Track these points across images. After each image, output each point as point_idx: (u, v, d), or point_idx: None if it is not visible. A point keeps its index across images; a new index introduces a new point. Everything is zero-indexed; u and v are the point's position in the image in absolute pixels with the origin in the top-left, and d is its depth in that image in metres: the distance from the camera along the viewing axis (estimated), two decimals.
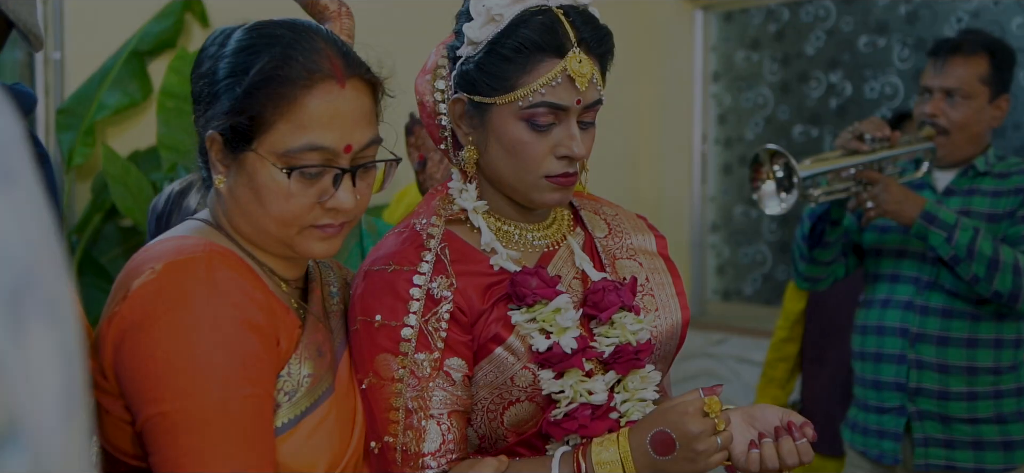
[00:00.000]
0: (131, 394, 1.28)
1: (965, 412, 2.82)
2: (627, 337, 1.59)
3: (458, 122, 1.60)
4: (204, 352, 1.26)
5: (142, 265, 1.34)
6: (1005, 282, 2.67)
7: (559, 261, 1.65)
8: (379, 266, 1.55)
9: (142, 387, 1.26)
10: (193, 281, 1.29)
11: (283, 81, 1.35)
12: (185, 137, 3.47)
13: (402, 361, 1.50)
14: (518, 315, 1.55)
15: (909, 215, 2.72)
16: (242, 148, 1.38)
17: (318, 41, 1.40)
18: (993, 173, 2.88)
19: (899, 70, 4.46)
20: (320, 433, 1.39)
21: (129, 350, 1.27)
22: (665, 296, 1.71)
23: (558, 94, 1.52)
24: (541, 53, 1.51)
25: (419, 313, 1.51)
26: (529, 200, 1.60)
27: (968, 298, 2.79)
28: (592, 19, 1.56)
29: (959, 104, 2.85)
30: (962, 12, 4.24)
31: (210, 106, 1.41)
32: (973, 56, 2.86)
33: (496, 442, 1.58)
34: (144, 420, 1.27)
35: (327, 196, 1.39)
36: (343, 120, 1.38)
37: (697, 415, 1.46)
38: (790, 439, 1.48)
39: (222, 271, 1.32)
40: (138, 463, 1.32)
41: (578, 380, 1.54)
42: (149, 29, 3.60)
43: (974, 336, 2.81)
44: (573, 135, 1.54)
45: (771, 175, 2.71)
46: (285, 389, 1.36)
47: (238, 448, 1.26)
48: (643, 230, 1.79)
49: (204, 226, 1.46)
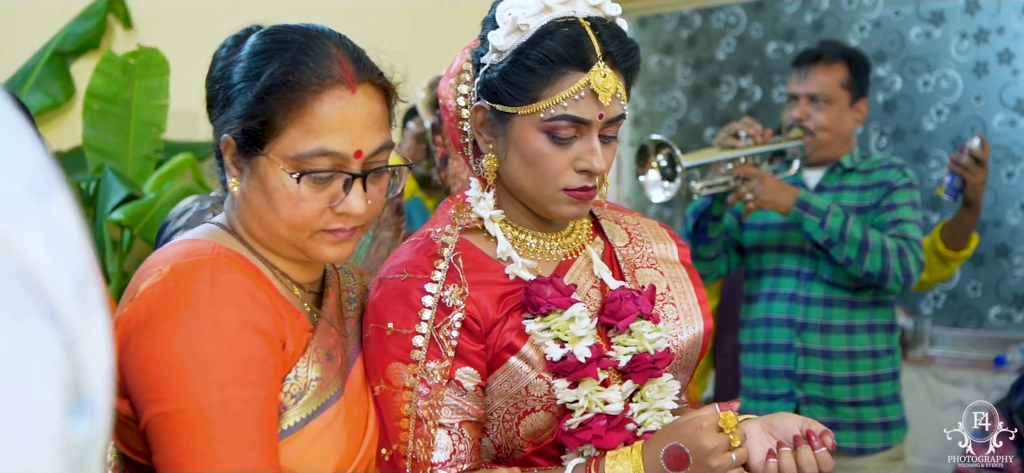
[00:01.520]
0: (136, 394, 1.28)
1: (847, 395, 3.03)
2: (645, 346, 1.56)
3: (479, 130, 1.58)
4: (206, 353, 1.26)
5: (151, 267, 1.35)
6: (875, 262, 2.87)
7: (576, 270, 1.62)
8: (393, 274, 1.54)
9: (145, 387, 1.27)
10: (198, 283, 1.30)
11: (294, 86, 1.35)
12: (111, 138, 3.45)
13: (413, 369, 1.48)
14: (532, 324, 1.52)
15: (785, 204, 2.92)
16: (254, 152, 1.38)
17: (330, 46, 1.40)
18: (858, 170, 3.11)
19: None
20: (327, 436, 1.39)
21: (133, 350, 1.27)
22: (687, 305, 1.68)
23: (580, 108, 1.48)
24: (565, 66, 1.47)
25: (430, 321, 1.49)
26: (547, 212, 1.57)
27: (846, 286, 3.01)
28: (619, 33, 1.52)
29: (823, 108, 3.08)
30: (865, 20, 4.44)
31: (224, 110, 1.41)
32: (833, 64, 3.11)
33: (512, 452, 1.56)
34: (147, 420, 1.27)
35: (338, 201, 1.38)
36: (353, 125, 1.37)
37: (712, 431, 1.43)
38: (809, 448, 1.45)
39: (226, 274, 1.32)
40: (149, 463, 1.32)
41: (593, 390, 1.51)
42: (71, 30, 3.55)
43: (851, 322, 3.02)
44: (594, 149, 1.50)
45: (656, 165, 2.86)
46: (292, 392, 1.36)
47: (240, 449, 1.25)
48: (665, 239, 1.76)
49: (217, 229, 1.46)
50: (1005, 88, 4.10)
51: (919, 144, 4.33)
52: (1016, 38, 4.08)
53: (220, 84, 1.43)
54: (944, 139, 4.26)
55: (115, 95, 3.33)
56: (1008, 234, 4.13)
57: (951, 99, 4.24)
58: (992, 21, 4.13)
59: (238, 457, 1.25)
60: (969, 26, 4.19)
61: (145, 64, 3.33)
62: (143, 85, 3.35)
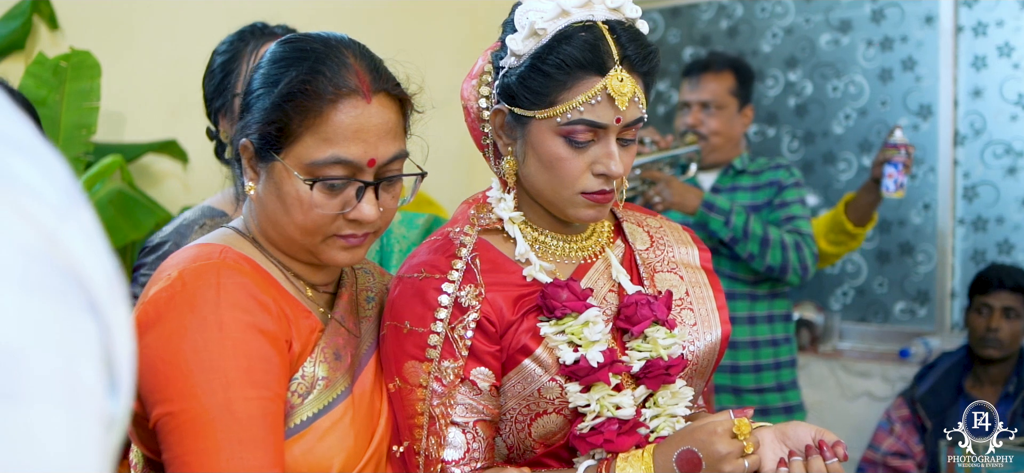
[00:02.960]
0: (144, 394, 1.31)
1: (752, 383, 3.26)
2: (659, 352, 1.54)
3: (499, 133, 1.57)
4: (210, 355, 1.29)
5: (162, 271, 1.38)
6: (776, 257, 3.09)
7: (594, 274, 1.61)
8: (411, 273, 1.54)
9: (153, 388, 1.30)
10: (204, 287, 1.33)
11: (310, 95, 1.38)
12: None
13: (428, 368, 1.48)
14: (547, 327, 1.51)
15: (692, 205, 3.14)
16: (271, 157, 1.41)
17: (348, 57, 1.42)
18: (748, 171, 3.35)
19: None
20: (334, 434, 1.41)
21: (142, 352, 1.29)
22: (705, 310, 1.66)
23: (597, 112, 1.47)
24: (582, 70, 1.46)
25: (446, 321, 1.49)
26: (565, 215, 1.56)
27: (746, 281, 3.22)
28: (638, 36, 1.51)
29: (715, 114, 3.33)
30: (777, 28, 4.61)
31: (244, 114, 1.45)
32: (722, 72, 3.37)
33: (524, 453, 1.55)
34: (155, 420, 1.30)
35: (350, 208, 1.40)
36: (368, 134, 1.39)
37: (726, 436, 1.42)
38: (820, 458, 1.43)
39: (231, 277, 1.35)
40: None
41: (606, 394, 1.50)
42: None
43: (753, 314, 3.25)
44: (611, 153, 1.49)
45: None
46: (298, 391, 1.39)
47: (243, 448, 1.27)
48: (687, 243, 1.74)
49: (231, 233, 1.49)
50: (908, 94, 4.29)
51: (828, 146, 4.51)
52: (919, 46, 4.27)
53: (244, 89, 1.47)
54: (852, 142, 4.45)
55: (45, 98, 3.32)
56: (912, 233, 4.33)
57: (858, 104, 4.43)
58: (896, 30, 4.33)
59: (241, 456, 1.27)
60: (875, 34, 4.38)
61: (77, 67, 3.32)
62: (74, 87, 3.33)
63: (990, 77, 4.13)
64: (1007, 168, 4.11)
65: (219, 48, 2.13)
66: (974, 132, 4.17)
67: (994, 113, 4.12)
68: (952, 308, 4.24)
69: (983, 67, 4.14)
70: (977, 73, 4.15)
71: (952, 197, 4.22)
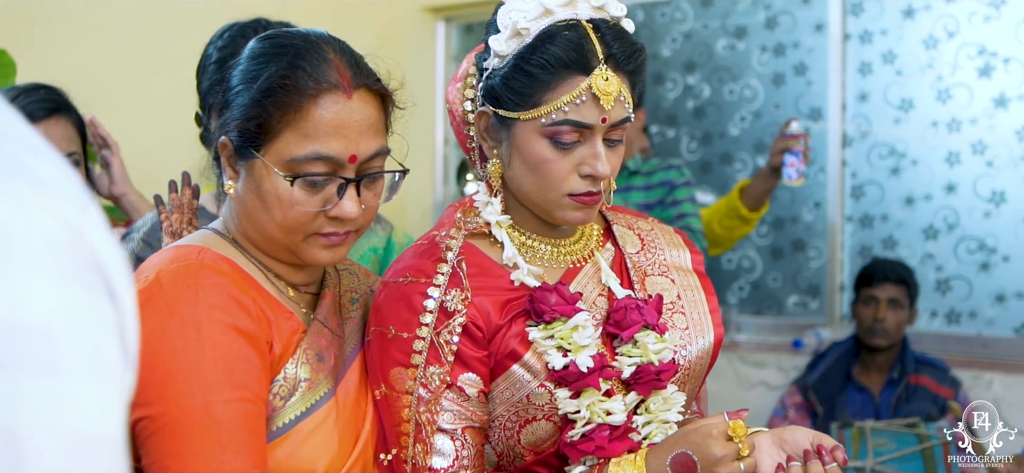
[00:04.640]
0: None
1: None
2: (649, 357, 1.51)
3: (483, 135, 1.54)
4: (189, 357, 1.26)
5: (140, 273, 1.35)
6: None
7: (584, 278, 1.57)
8: (396, 277, 1.50)
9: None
10: (182, 289, 1.30)
11: (290, 90, 1.34)
12: None
13: (413, 373, 1.44)
14: (536, 332, 1.47)
15: None
16: (250, 154, 1.37)
17: (328, 52, 1.39)
18: (641, 172, 3.50)
19: None
20: (318, 437, 1.38)
21: None
22: (697, 314, 1.62)
23: (582, 112, 1.43)
24: (566, 70, 1.42)
25: (431, 325, 1.45)
26: (552, 217, 1.52)
27: None
28: (623, 34, 1.47)
29: None
30: (677, 32, 4.76)
31: (222, 112, 1.41)
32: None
33: (514, 460, 1.51)
34: (132, 423, 1.26)
35: (331, 205, 1.38)
36: (349, 130, 1.36)
37: (721, 439, 1.38)
38: (819, 463, 1.39)
39: (209, 278, 1.32)
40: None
41: (596, 400, 1.46)
42: None
43: None
44: (597, 154, 1.45)
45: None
46: (280, 393, 1.36)
47: (223, 451, 1.25)
48: (679, 245, 1.70)
49: (210, 234, 1.45)
50: (800, 97, 4.49)
51: (725, 148, 4.67)
52: (810, 52, 4.46)
53: (219, 86, 1.43)
54: (747, 143, 4.62)
55: None
56: (804, 230, 4.51)
57: (753, 106, 4.60)
58: (789, 36, 4.52)
59: (222, 459, 1.24)
60: (769, 40, 4.56)
61: None
62: None
63: (875, 82, 4.32)
64: (891, 168, 4.31)
65: (215, 41, 2.06)
66: (861, 134, 4.36)
67: (879, 116, 4.31)
68: (842, 300, 4.42)
69: (869, 73, 4.33)
70: (863, 78, 4.35)
71: (841, 196, 4.40)
